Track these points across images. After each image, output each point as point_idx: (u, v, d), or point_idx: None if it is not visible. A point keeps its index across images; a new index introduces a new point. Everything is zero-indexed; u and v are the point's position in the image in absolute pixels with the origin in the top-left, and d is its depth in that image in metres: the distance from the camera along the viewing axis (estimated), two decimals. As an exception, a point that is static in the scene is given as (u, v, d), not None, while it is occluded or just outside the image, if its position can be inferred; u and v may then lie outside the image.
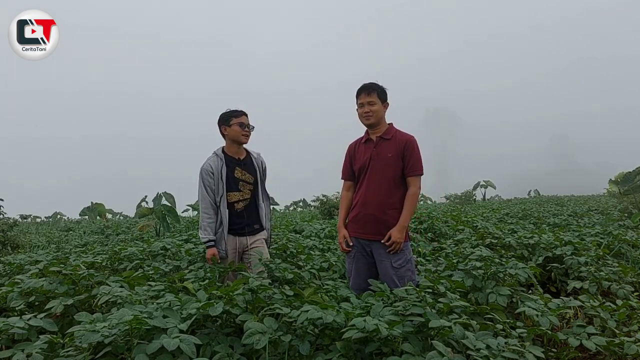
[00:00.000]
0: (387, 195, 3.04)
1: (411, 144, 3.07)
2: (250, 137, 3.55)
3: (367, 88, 3.10)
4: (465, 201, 27.88)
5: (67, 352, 2.05)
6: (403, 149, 3.05)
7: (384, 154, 3.08)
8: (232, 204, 3.47)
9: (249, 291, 2.43)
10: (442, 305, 2.37)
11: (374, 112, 3.07)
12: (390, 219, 3.02)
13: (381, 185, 3.05)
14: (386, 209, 3.03)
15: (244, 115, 3.51)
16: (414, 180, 3.06)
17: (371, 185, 3.08)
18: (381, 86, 3.13)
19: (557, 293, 4.27)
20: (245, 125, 3.49)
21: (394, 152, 3.06)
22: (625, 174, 10.62)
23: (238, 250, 3.50)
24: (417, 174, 3.06)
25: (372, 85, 3.10)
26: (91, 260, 4.21)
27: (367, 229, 3.08)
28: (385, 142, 3.10)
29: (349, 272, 3.25)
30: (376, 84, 3.12)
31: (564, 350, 2.64)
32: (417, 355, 2.00)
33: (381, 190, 3.05)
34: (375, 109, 3.07)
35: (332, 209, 14.16)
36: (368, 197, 3.08)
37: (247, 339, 2.03)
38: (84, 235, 14.31)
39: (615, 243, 5.26)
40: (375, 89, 3.09)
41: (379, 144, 3.11)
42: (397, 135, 3.12)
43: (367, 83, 3.12)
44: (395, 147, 3.07)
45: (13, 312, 2.88)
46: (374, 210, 3.05)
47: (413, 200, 3.04)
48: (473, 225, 7.65)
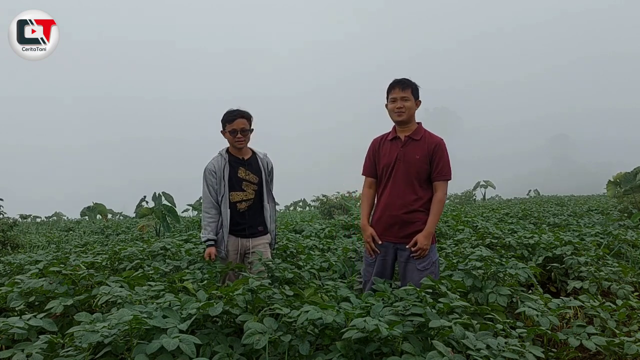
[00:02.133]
0: (411, 197, 2.95)
1: (441, 148, 2.97)
2: (246, 140, 3.42)
3: (402, 83, 2.98)
4: (465, 201, 27.91)
5: (67, 352, 2.05)
6: (432, 152, 2.95)
7: (411, 154, 2.97)
8: (235, 204, 3.46)
9: (249, 291, 2.43)
10: (442, 305, 2.36)
11: (407, 108, 2.96)
12: (416, 221, 2.94)
13: (406, 187, 2.96)
14: (411, 211, 2.95)
15: (237, 120, 3.36)
16: (441, 185, 2.97)
17: (396, 187, 2.99)
18: (415, 83, 3.02)
19: (557, 293, 4.27)
20: (236, 132, 3.36)
21: (422, 154, 2.96)
22: (625, 174, 10.60)
23: (240, 251, 3.49)
24: (444, 178, 2.97)
25: (407, 81, 2.99)
26: (91, 260, 4.20)
27: (392, 232, 3.00)
28: (414, 143, 3.00)
29: (365, 276, 3.13)
30: (409, 79, 3.01)
31: (564, 350, 2.64)
32: (417, 355, 2.00)
33: (406, 192, 2.96)
34: (409, 106, 2.97)
35: (332, 208, 14.17)
36: (392, 198, 2.99)
37: (247, 339, 2.03)
38: (84, 235, 14.33)
39: (615, 243, 5.26)
40: (410, 85, 2.99)
41: (407, 143, 3.01)
42: (427, 136, 3.02)
43: (401, 78, 3.01)
44: (423, 149, 2.97)
45: (13, 312, 2.88)
46: (398, 212, 2.96)
47: (440, 205, 2.95)
48: (473, 225, 7.64)
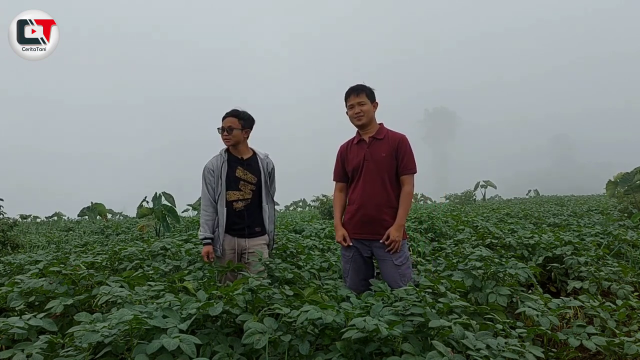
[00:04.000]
0: (383, 194, 3.07)
1: (404, 143, 3.10)
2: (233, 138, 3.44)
3: (356, 89, 3.13)
4: (466, 201, 27.94)
5: (67, 352, 2.05)
6: (396, 148, 3.08)
7: (377, 153, 3.10)
8: (231, 203, 3.47)
9: (248, 291, 2.43)
10: (442, 305, 2.37)
11: (365, 112, 3.10)
12: (388, 218, 3.06)
13: (377, 186, 3.08)
14: (383, 208, 3.06)
15: (227, 118, 3.47)
16: (407, 179, 3.09)
17: (367, 186, 3.10)
18: (368, 86, 3.15)
19: (557, 293, 4.27)
20: (223, 130, 3.45)
21: (388, 151, 3.08)
22: (625, 174, 10.60)
23: (237, 251, 3.50)
24: (410, 172, 3.09)
25: (360, 86, 3.14)
26: (91, 260, 4.20)
27: (365, 229, 3.11)
28: (379, 142, 3.12)
29: (345, 273, 3.27)
30: (363, 84, 3.15)
31: (564, 350, 2.64)
32: (417, 355, 2.00)
33: (377, 190, 3.07)
34: (366, 109, 3.10)
35: (332, 208, 14.17)
36: (364, 197, 3.10)
37: (247, 338, 2.03)
38: (84, 235, 14.33)
39: (615, 243, 5.26)
40: (364, 90, 3.12)
41: (372, 144, 3.13)
42: (389, 134, 3.15)
43: (355, 85, 3.15)
44: (388, 146, 3.09)
45: (13, 312, 2.88)
46: (371, 211, 3.07)
47: (408, 198, 3.08)
48: (473, 225, 7.65)
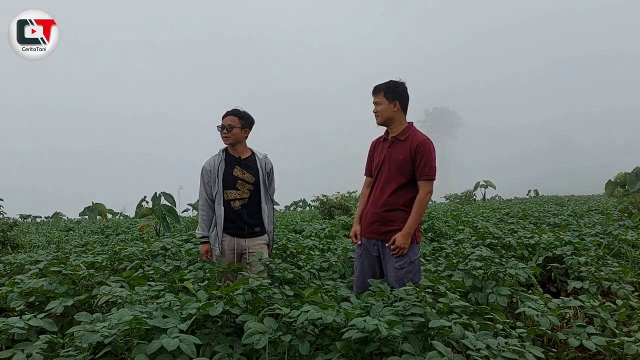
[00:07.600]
0: (392, 196, 3.02)
1: (424, 147, 2.96)
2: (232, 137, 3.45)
3: (374, 89, 3.12)
4: (466, 201, 27.90)
5: (67, 352, 2.05)
6: (414, 152, 2.97)
7: (395, 155, 3.04)
8: (229, 202, 3.49)
9: (249, 291, 2.43)
10: (442, 305, 2.37)
11: (380, 111, 3.07)
12: (395, 220, 3.00)
13: (389, 187, 3.04)
14: (391, 209, 3.02)
15: (227, 117, 3.49)
16: (423, 185, 2.97)
17: (380, 186, 3.09)
18: (388, 84, 3.08)
19: (557, 293, 4.28)
20: (223, 128, 3.47)
21: (405, 154, 3.00)
22: (625, 174, 10.60)
23: (236, 251, 3.50)
24: (426, 178, 2.96)
25: (377, 86, 3.11)
26: (91, 260, 4.20)
27: (373, 229, 3.10)
28: (399, 144, 3.06)
29: (355, 269, 3.27)
30: (383, 83, 3.10)
31: (564, 350, 2.64)
32: (417, 355, 2.00)
33: (387, 191, 3.04)
34: (381, 109, 3.06)
35: (332, 209, 14.14)
36: (376, 197, 3.10)
37: (247, 339, 2.03)
38: (84, 235, 14.31)
39: (615, 243, 5.27)
40: (381, 89, 3.09)
41: (393, 144, 3.09)
42: (413, 136, 3.04)
43: (376, 84, 3.13)
44: (407, 149, 3.00)
45: (13, 312, 2.88)
46: (379, 210, 3.06)
47: (421, 205, 2.96)
48: (473, 225, 7.66)
